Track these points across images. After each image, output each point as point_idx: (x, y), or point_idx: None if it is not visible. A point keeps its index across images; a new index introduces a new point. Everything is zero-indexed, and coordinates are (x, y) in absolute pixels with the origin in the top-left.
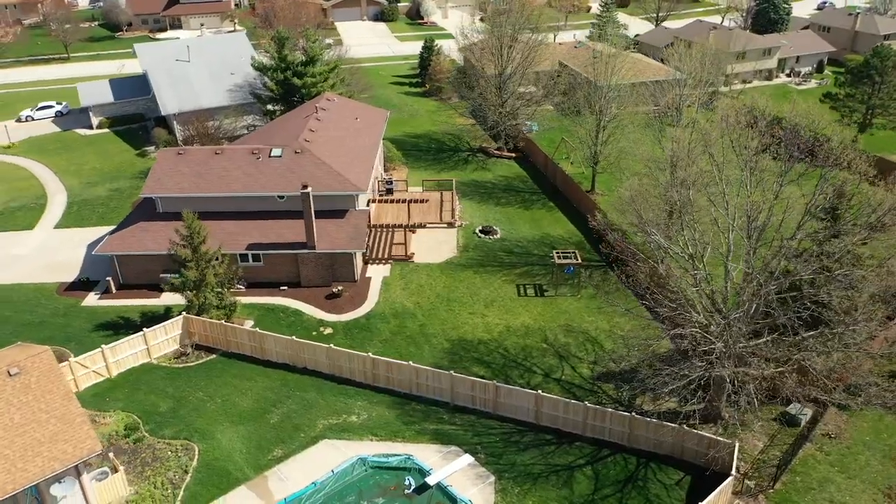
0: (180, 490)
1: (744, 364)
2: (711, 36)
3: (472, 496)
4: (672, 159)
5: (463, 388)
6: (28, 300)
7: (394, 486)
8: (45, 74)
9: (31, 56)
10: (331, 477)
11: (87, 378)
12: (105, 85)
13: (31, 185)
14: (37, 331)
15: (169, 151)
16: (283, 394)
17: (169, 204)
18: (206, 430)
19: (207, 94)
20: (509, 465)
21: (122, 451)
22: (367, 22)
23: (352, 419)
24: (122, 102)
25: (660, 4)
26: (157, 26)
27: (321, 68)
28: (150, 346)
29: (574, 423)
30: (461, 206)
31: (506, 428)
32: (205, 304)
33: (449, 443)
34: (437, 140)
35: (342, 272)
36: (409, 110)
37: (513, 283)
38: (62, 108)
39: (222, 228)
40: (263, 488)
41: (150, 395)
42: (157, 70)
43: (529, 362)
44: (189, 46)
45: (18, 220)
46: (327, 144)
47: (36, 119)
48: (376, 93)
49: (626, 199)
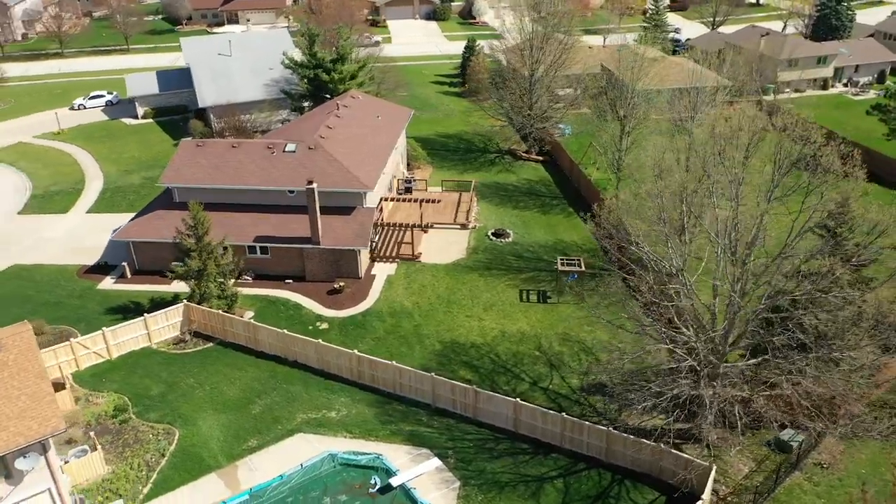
0: (154, 473)
1: (728, 385)
2: (763, 42)
3: (433, 500)
4: (659, 166)
5: (444, 391)
6: (50, 280)
7: (359, 484)
8: (104, 65)
9: (94, 47)
10: (299, 471)
11: (88, 358)
12: (152, 77)
13: (72, 171)
14: (53, 310)
15: (189, 143)
16: (269, 385)
17: (185, 194)
18: (190, 416)
19: (245, 89)
20: (477, 472)
21: (108, 431)
22: (418, 21)
23: (331, 415)
24: (166, 94)
25: (716, 8)
26: (214, 21)
27: (350, 66)
28: (151, 332)
29: (552, 434)
30: (478, 207)
31: (483, 434)
32: (206, 293)
33: (421, 445)
34: (468, 141)
35: (346, 268)
36: (445, 110)
37: (516, 287)
38: (112, 97)
39: (234, 220)
40: (232, 477)
41: (145, 378)
42: (199, 63)
43: (519, 369)
44: (231, 41)
45: (55, 203)
46: (342, 141)
47: (87, 108)
48: (415, 91)
49: (613, 209)
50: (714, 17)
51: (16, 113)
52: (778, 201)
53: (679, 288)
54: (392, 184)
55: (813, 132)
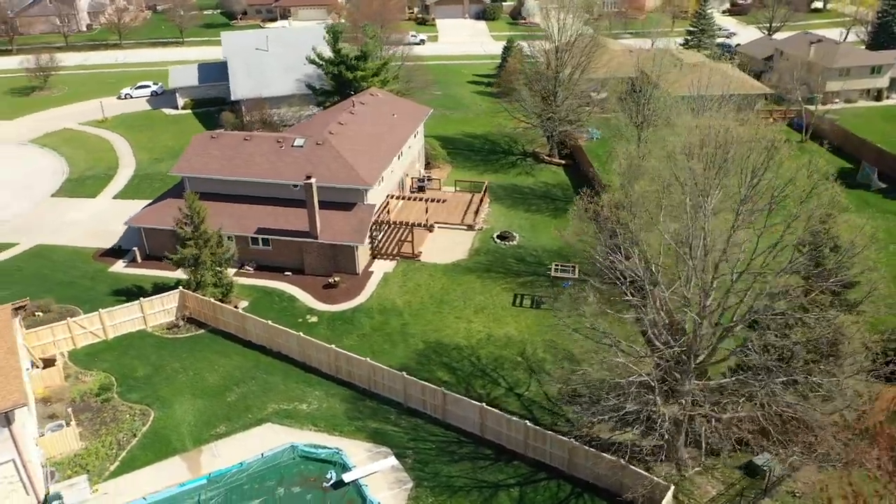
0: (123, 451)
1: (695, 404)
2: (812, 49)
3: (383, 499)
4: (629, 170)
5: (414, 391)
6: (67, 261)
7: (314, 477)
8: (158, 57)
9: (151, 39)
10: (259, 460)
11: (85, 338)
12: (193, 69)
13: (108, 157)
14: (64, 289)
15: (204, 135)
16: (249, 374)
17: (196, 184)
18: (168, 399)
19: (277, 83)
20: (433, 474)
21: (90, 408)
22: (468, 20)
23: (302, 407)
24: (205, 86)
25: (773, 13)
26: (268, 16)
27: (373, 63)
28: (147, 315)
29: (516, 441)
30: (489, 209)
31: (448, 437)
32: (202, 281)
33: (384, 443)
34: (493, 141)
35: (344, 264)
36: (476, 110)
37: (512, 291)
38: (157, 88)
39: (240, 211)
40: (195, 461)
41: (135, 360)
42: (236, 57)
43: (498, 374)
44: (268, 36)
45: (87, 188)
46: (351, 138)
47: (133, 97)
48: (450, 91)
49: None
50: (770, 22)
51: (68, 100)
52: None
53: (638, 301)
54: (405, 182)
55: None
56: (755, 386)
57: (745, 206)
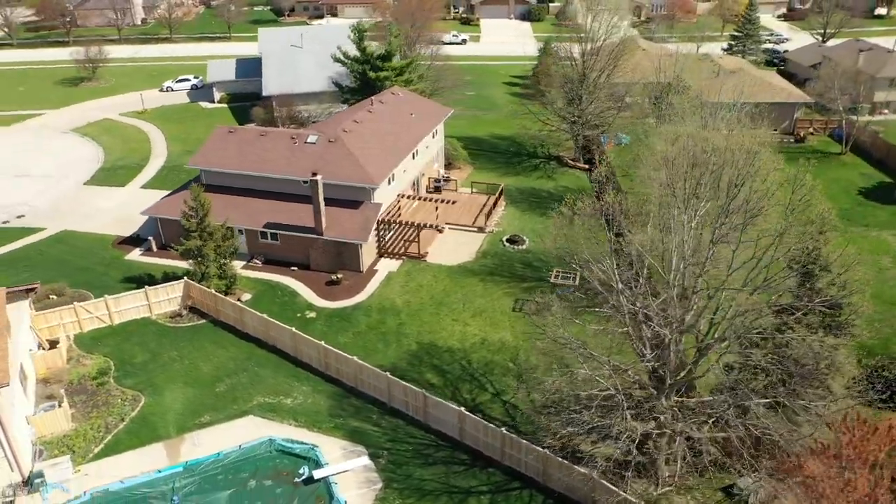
0: (109, 435)
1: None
2: (861, 57)
3: (350, 498)
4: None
5: (397, 392)
6: (88, 247)
7: (287, 472)
8: (204, 51)
9: (200, 33)
10: (236, 451)
11: (91, 322)
12: (231, 64)
13: (142, 148)
14: (81, 274)
15: (222, 129)
16: (242, 366)
17: (211, 177)
18: (161, 386)
19: (308, 80)
20: (405, 476)
21: (85, 391)
22: (513, 21)
23: (286, 401)
24: (242, 81)
25: (827, 19)
26: (315, 13)
27: (397, 63)
28: (152, 303)
29: (493, 448)
30: (504, 212)
31: (427, 439)
32: (206, 272)
33: (360, 442)
34: (520, 143)
35: (349, 261)
36: (507, 111)
37: (513, 296)
38: (197, 82)
39: (251, 205)
40: (175, 449)
41: (136, 346)
42: (270, 53)
43: (486, 379)
44: (303, 34)
45: (118, 177)
46: (365, 136)
47: (174, 90)
48: (484, 91)
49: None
50: (825, 28)
51: (113, 91)
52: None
53: (610, 312)
54: (420, 182)
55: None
56: (724, 406)
57: (722, 220)
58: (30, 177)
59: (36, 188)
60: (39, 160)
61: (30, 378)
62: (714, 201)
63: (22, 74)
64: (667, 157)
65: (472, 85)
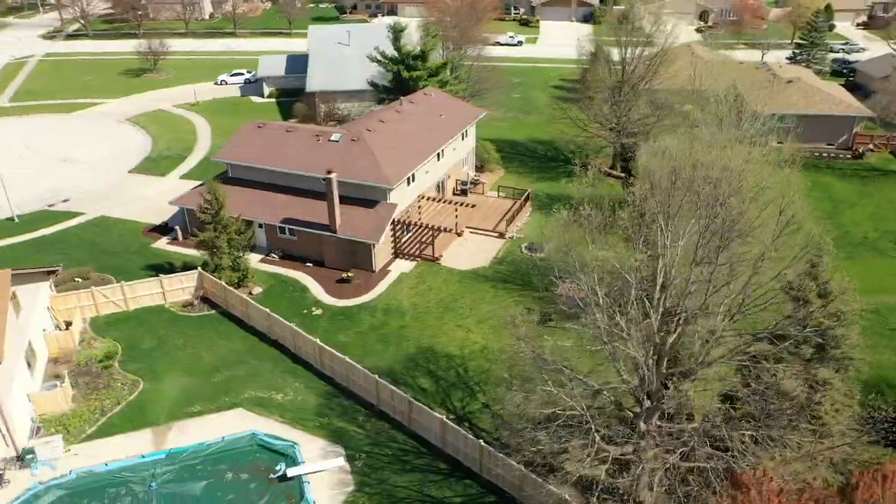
0: (104, 417)
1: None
2: None
3: (320, 499)
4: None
5: (385, 395)
6: (119, 233)
7: (264, 467)
8: (265, 46)
9: (263, 29)
10: (219, 442)
11: (108, 307)
12: (281, 59)
13: (188, 139)
14: (109, 259)
15: (251, 124)
16: (242, 358)
17: (237, 171)
18: (161, 373)
19: (351, 78)
20: (378, 481)
21: (90, 373)
22: (574, 23)
23: (277, 397)
24: (290, 77)
25: None
26: (376, 11)
27: (433, 63)
28: (166, 291)
29: (472, 459)
30: (528, 218)
31: (408, 445)
32: (219, 264)
33: (340, 443)
34: (557, 149)
35: (362, 260)
36: (550, 114)
37: (523, 305)
38: (250, 76)
39: (274, 200)
40: (163, 436)
41: (145, 332)
42: (317, 51)
43: (480, 388)
44: (350, 32)
45: (161, 166)
46: (388, 136)
47: (228, 84)
48: (531, 94)
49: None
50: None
51: (171, 83)
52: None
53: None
54: (446, 184)
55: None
56: (688, 435)
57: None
58: (81, 163)
59: (85, 174)
60: (92, 147)
61: (39, 357)
62: (696, 221)
63: (91, 64)
64: (649, 170)
65: (520, 87)
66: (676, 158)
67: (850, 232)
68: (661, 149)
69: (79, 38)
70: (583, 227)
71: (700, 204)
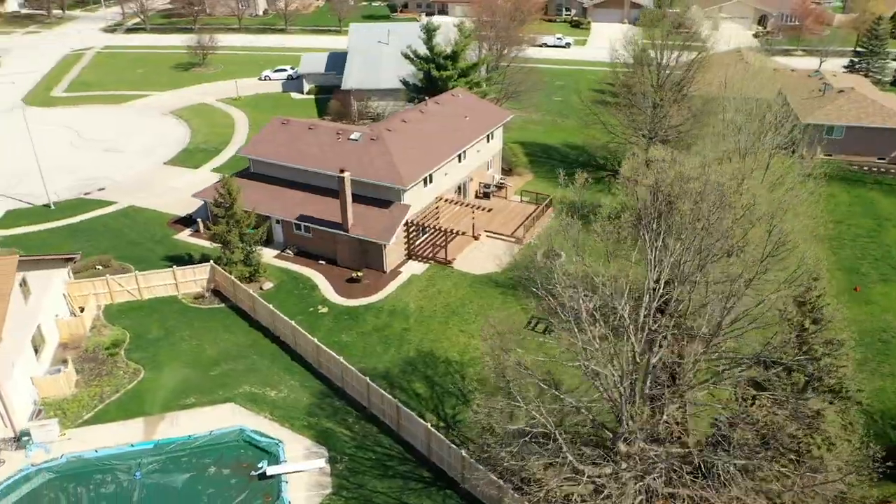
0: (101, 404)
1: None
2: None
3: (296, 499)
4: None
5: (375, 399)
6: (145, 223)
7: (247, 464)
8: (313, 43)
9: (314, 26)
10: (206, 436)
11: (122, 295)
12: (322, 57)
13: (225, 133)
14: (131, 248)
15: (277, 120)
16: (243, 353)
17: (258, 166)
18: (162, 363)
19: (387, 76)
20: (357, 486)
21: (96, 360)
22: (625, 25)
23: (271, 393)
24: (330, 74)
25: None
26: (427, 10)
27: (463, 63)
28: (179, 283)
29: (455, 470)
30: (548, 224)
31: (394, 450)
32: (231, 258)
33: (325, 444)
34: (590, 154)
35: (373, 260)
36: (585, 119)
37: (530, 313)
38: (292, 72)
39: (292, 197)
40: (154, 426)
41: (155, 322)
42: (356, 49)
43: (473, 396)
44: (389, 30)
45: (195, 159)
46: (409, 136)
47: (272, 79)
48: (571, 97)
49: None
50: None
51: (217, 77)
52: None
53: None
54: (468, 186)
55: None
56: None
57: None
58: (121, 153)
59: (123, 164)
60: (134, 138)
61: (48, 342)
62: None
63: (145, 58)
64: (635, 181)
65: (562, 90)
66: (659, 172)
67: (893, 252)
68: (647, 159)
69: (137, 31)
70: (568, 236)
71: (683, 221)
